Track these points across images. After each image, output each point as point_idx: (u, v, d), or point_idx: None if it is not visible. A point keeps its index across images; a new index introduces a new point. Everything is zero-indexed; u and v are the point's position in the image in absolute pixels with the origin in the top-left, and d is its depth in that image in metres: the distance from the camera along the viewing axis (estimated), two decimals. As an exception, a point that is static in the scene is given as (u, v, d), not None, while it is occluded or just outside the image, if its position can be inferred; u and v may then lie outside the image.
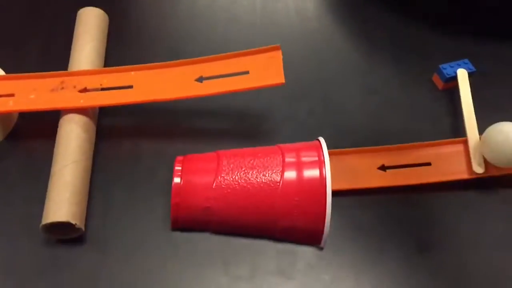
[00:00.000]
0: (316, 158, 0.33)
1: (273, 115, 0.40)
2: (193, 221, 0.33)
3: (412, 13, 0.47)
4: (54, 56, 0.42)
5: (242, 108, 0.40)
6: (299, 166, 0.33)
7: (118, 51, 0.43)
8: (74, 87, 0.36)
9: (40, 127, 0.38)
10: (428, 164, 0.36)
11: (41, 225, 0.31)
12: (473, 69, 0.41)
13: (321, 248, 0.33)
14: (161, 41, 0.44)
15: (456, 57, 0.42)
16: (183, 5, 0.47)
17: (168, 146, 0.37)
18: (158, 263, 0.32)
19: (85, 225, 0.33)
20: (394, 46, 0.45)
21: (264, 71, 0.36)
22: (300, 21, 0.46)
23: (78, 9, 0.42)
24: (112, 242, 0.33)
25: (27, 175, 0.35)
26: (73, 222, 0.31)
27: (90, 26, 0.41)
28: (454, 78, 0.40)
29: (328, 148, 0.34)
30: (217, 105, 0.40)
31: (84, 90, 0.36)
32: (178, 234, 0.34)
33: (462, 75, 0.40)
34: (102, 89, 0.36)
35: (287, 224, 0.32)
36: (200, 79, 0.36)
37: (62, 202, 0.31)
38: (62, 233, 0.32)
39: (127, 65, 0.39)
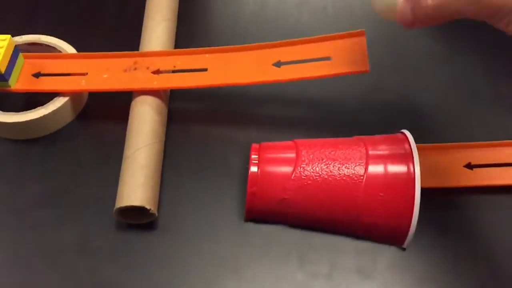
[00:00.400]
0: (404, 152, 0.31)
1: (349, 104, 0.38)
2: (269, 213, 0.32)
3: None
4: (123, 35, 0.41)
5: (317, 96, 0.38)
6: (385, 160, 0.31)
7: (187, 31, 0.42)
8: (147, 68, 0.35)
9: (110, 107, 0.37)
10: (520, 164, 0.34)
11: (115, 208, 0.30)
12: None
13: (404, 249, 0.31)
14: (230, 21, 0.43)
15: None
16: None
17: (240, 133, 0.36)
18: (230, 253, 0.31)
19: (157, 211, 0.32)
20: (477, 33, 0.42)
21: (347, 57, 0.34)
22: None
23: (147, -10, 0.42)
24: (183, 229, 0.32)
25: (98, 156, 0.35)
26: (148, 207, 0.30)
27: (161, 5, 0.40)
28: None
29: (409, 141, 0.32)
30: (291, 91, 0.38)
31: (157, 71, 0.35)
32: (251, 225, 0.32)
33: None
34: (175, 71, 0.35)
35: (370, 221, 0.30)
36: (278, 64, 0.34)
37: (137, 186, 0.30)
38: (135, 218, 0.31)
39: (196, 46, 0.38)
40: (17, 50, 0.35)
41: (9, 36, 0.34)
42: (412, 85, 0.39)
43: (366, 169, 0.30)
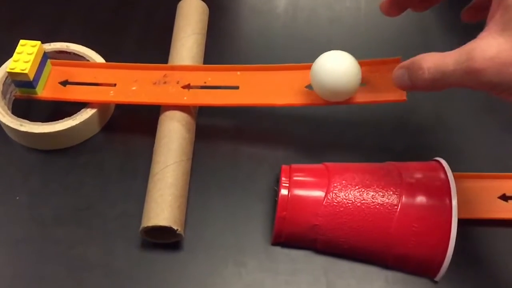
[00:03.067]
0: (440, 182, 0.30)
1: (381, 128, 0.37)
2: (298, 238, 0.31)
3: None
4: (152, 46, 0.40)
5: (348, 118, 0.37)
6: (420, 190, 0.30)
7: (216, 44, 0.41)
8: (177, 82, 0.35)
9: (137, 120, 0.36)
10: (558, 198, 0.33)
11: (141, 227, 0.29)
12: None
13: (436, 282, 0.30)
14: (260, 35, 0.42)
15: None
16: (289, 1, 0.45)
17: (268, 153, 0.35)
18: (256, 278, 0.30)
19: (184, 231, 0.31)
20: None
21: (383, 84, 0.33)
22: (413, 28, 0.43)
23: (176, 1, 0.41)
24: (208, 251, 0.31)
25: (124, 170, 0.34)
26: (175, 228, 0.29)
27: (191, 18, 0.39)
28: None
29: (444, 170, 0.31)
30: (322, 111, 0.37)
31: (188, 86, 0.34)
32: (278, 249, 0.31)
33: None
34: (205, 87, 0.35)
35: (402, 252, 0.30)
36: (310, 87, 0.34)
37: (165, 205, 0.30)
38: (160, 237, 0.30)
39: (225, 59, 0.38)
40: (46, 56, 0.34)
41: (39, 42, 0.33)
42: (447, 110, 0.38)
43: (400, 198, 0.30)
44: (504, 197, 0.33)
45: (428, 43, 0.42)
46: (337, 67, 0.31)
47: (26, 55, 0.32)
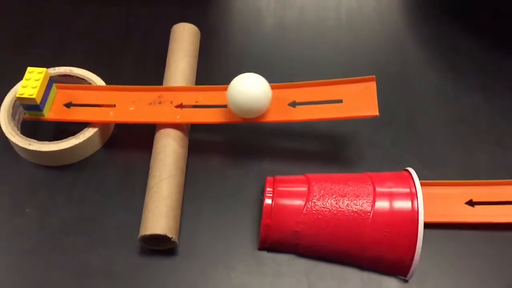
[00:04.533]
0: (408, 190, 0.33)
1: (358, 140, 0.40)
2: (281, 243, 0.34)
3: (502, 41, 0.47)
4: (148, 69, 0.44)
5: (327, 132, 0.40)
6: (390, 198, 0.33)
7: (207, 65, 0.44)
8: (171, 102, 0.38)
9: (135, 137, 0.39)
10: (518, 203, 0.36)
11: (139, 236, 0.33)
12: None
13: (406, 281, 0.33)
14: (248, 57, 0.45)
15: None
16: (270, 20, 0.48)
17: (255, 165, 0.38)
18: (244, 280, 0.33)
19: (178, 239, 0.34)
20: (483, 74, 0.44)
21: (358, 101, 0.36)
22: (390, 47, 0.46)
23: (170, 26, 0.44)
24: (201, 256, 0.34)
25: (123, 183, 0.37)
26: (170, 236, 0.32)
27: (184, 42, 0.42)
28: (548, 115, 0.39)
29: (415, 178, 0.34)
30: (304, 127, 0.40)
31: (181, 105, 0.38)
32: (264, 253, 0.34)
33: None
34: (196, 106, 0.38)
35: (375, 255, 0.33)
36: (293, 104, 0.37)
37: (160, 215, 0.33)
38: (157, 244, 0.34)
39: (215, 78, 0.41)
40: (51, 81, 0.38)
41: (45, 69, 0.37)
42: (420, 123, 0.41)
43: (373, 206, 0.33)
44: (471, 203, 0.36)
45: (404, 59, 0.45)
46: (246, 88, 0.35)
47: (33, 81, 0.35)
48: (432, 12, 0.49)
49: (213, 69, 0.44)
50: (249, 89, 0.35)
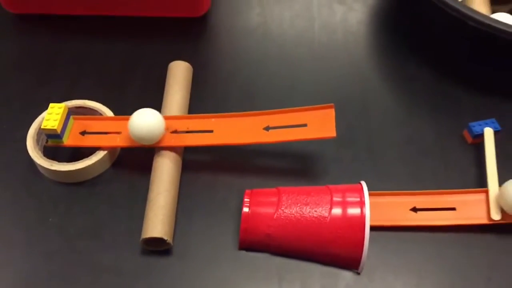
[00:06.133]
0: (358, 199, 0.41)
1: (324, 158, 0.48)
2: (257, 244, 0.41)
3: (448, 74, 0.54)
4: (149, 100, 0.51)
5: (298, 151, 0.48)
6: (344, 205, 0.40)
7: (199, 97, 0.52)
8: (167, 129, 0.46)
9: (138, 159, 0.47)
10: (453, 209, 0.43)
11: (140, 239, 0.40)
12: (499, 128, 0.47)
13: (359, 273, 0.41)
14: (234, 88, 0.53)
15: (485, 114, 0.49)
16: (253, 55, 0.56)
17: (238, 180, 0.46)
18: (227, 275, 0.41)
19: (173, 241, 0.42)
20: (431, 101, 0.52)
21: (319, 125, 0.44)
22: (353, 77, 0.54)
23: (168, 61, 0.52)
24: (192, 256, 0.42)
25: (128, 197, 0.45)
26: (165, 238, 0.40)
27: (178, 77, 0.50)
28: (482, 135, 0.47)
29: (369, 189, 0.42)
30: (279, 148, 0.48)
31: (175, 131, 0.45)
32: (243, 253, 0.42)
33: (488, 134, 0.46)
34: (188, 131, 0.46)
35: (332, 252, 0.40)
36: (267, 128, 0.45)
37: (158, 222, 0.40)
38: (155, 246, 0.41)
39: (206, 109, 0.49)
40: (69, 113, 0.46)
41: (64, 104, 0.45)
42: (376, 141, 0.49)
43: (330, 212, 0.40)
44: (415, 209, 0.43)
45: (365, 87, 0.53)
46: (140, 121, 0.43)
47: (55, 115, 0.43)
48: (390, 47, 0.57)
49: (204, 98, 0.52)
50: (139, 122, 0.43)
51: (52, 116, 0.43)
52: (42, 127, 0.43)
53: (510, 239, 0.43)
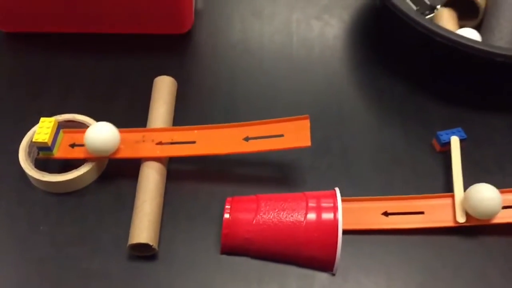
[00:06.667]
0: (332, 205, 0.43)
1: (301, 167, 0.50)
2: (237, 248, 0.44)
3: (419, 86, 0.58)
4: (135, 113, 0.54)
5: (277, 160, 0.51)
6: (318, 210, 0.43)
7: (183, 110, 0.55)
8: (152, 140, 0.48)
9: (124, 169, 0.49)
10: (422, 213, 0.46)
11: (127, 244, 0.43)
12: (465, 136, 0.50)
13: (333, 274, 0.43)
14: (216, 101, 0.56)
15: (452, 124, 0.52)
16: (235, 69, 0.59)
17: (220, 188, 0.48)
18: (210, 278, 0.43)
19: (158, 246, 0.44)
20: (402, 112, 0.55)
21: (295, 135, 0.46)
22: (329, 89, 0.57)
23: (154, 76, 0.55)
24: (176, 260, 0.44)
25: (115, 205, 0.47)
26: (151, 244, 0.42)
27: (163, 92, 0.53)
28: (449, 143, 0.50)
29: (343, 196, 0.44)
30: (259, 157, 0.51)
31: (160, 143, 0.48)
32: (225, 256, 0.44)
33: (455, 142, 0.50)
34: (172, 143, 0.48)
35: (307, 254, 0.43)
36: (247, 139, 0.47)
37: (144, 228, 0.43)
38: (141, 251, 0.43)
39: (190, 122, 0.51)
40: (59, 127, 0.48)
41: (54, 118, 0.47)
42: (350, 150, 0.52)
43: (305, 217, 0.43)
44: (386, 214, 0.46)
45: (340, 99, 0.56)
46: (96, 134, 0.46)
47: (45, 128, 0.46)
48: (364, 61, 0.60)
49: (187, 111, 0.55)
50: (92, 135, 0.46)
51: (43, 129, 0.46)
52: (33, 140, 0.46)
53: (474, 240, 0.46)
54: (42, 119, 0.47)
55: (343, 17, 0.65)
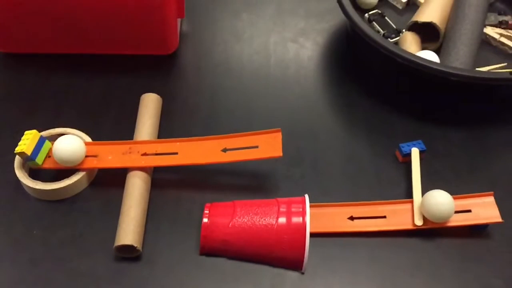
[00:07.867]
0: (301, 209, 0.48)
1: (275, 176, 0.55)
2: (215, 249, 0.48)
3: (384, 102, 0.63)
4: (123, 127, 0.58)
5: (253, 170, 0.55)
6: (288, 215, 0.47)
7: (168, 124, 0.59)
8: (138, 152, 0.52)
9: (112, 178, 0.53)
10: (384, 217, 0.50)
11: (114, 246, 0.47)
12: (425, 148, 0.55)
13: (303, 273, 0.48)
14: (199, 116, 0.60)
15: (414, 136, 0.57)
16: (216, 87, 0.64)
17: (200, 195, 0.53)
18: (190, 277, 0.47)
19: (142, 248, 0.48)
20: (368, 125, 0.60)
21: (268, 146, 0.51)
22: (302, 105, 0.62)
23: (141, 93, 0.59)
24: (159, 260, 0.48)
25: (104, 211, 0.51)
26: (135, 245, 0.46)
27: (149, 107, 0.57)
28: (410, 154, 0.55)
29: (313, 202, 0.49)
30: (236, 167, 0.55)
31: (145, 154, 0.52)
32: (204, 257, 0.48)
33: (415, 153, 0.54)
34: (156, 154, 0.53)
35: (279, 254, 0.47)
36: (225, 150, 0.52)
37: (129, 231, 0.47)
38: (127, 253, 0.47)
39: (174, 135, 0.56)
40: (43, 139, 0.51)
41: (35, 131, 0.51)
42: (321, 161, 0.56)
43: (276, 220, 0.47)
44: (351, 218, 0.51)
45: (313, 114, 0.61)
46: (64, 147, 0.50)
47: (26, 140, 0.50)
48: (335, 79, 0.65)
49: (172, 125, 0.59)
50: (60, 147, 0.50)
51: (23, 141, 0.50)
52: (15, 151, 0.49)
53: (431, 242, 0.50)
54: (26, 132, 0.51)
55: (317, 40, 0.71)
